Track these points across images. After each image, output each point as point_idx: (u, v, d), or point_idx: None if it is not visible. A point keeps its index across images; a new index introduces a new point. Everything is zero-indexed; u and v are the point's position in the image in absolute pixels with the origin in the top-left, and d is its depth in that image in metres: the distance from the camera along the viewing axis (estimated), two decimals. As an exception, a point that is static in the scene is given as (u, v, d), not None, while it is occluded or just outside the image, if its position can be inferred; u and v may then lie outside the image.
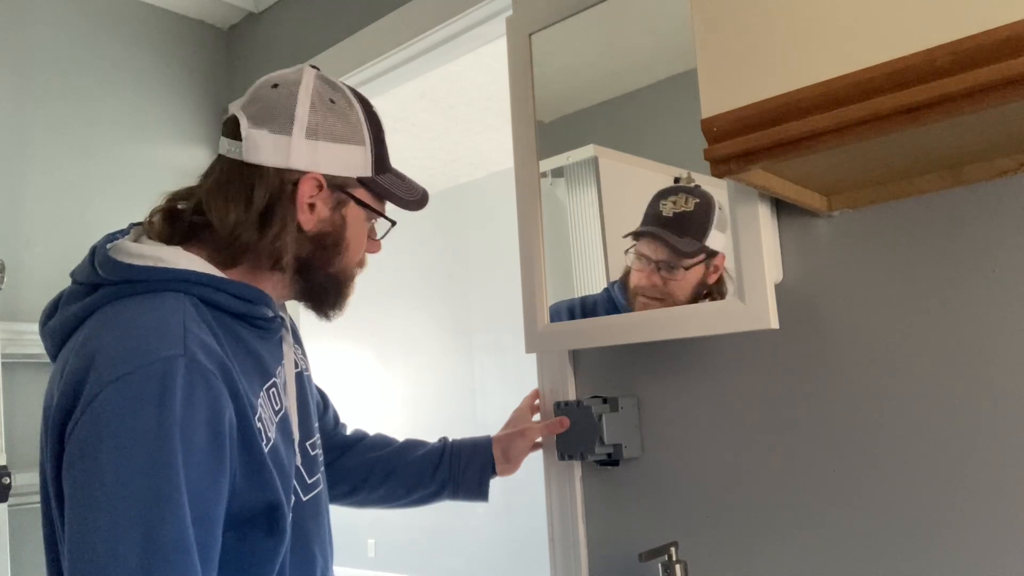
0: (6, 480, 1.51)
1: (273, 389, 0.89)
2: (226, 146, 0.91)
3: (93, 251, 0.87)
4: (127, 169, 1.92)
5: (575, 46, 1.22)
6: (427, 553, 5.23)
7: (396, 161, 1.02)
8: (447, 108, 3.97)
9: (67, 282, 0.88)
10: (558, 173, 1.22)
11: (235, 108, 0.93)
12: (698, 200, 1.07)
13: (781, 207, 1.04)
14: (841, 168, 0.86)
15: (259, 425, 0.82)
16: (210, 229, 0.89)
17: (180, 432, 0.71)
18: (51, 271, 1.73)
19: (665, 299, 1.08)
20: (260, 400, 0.84)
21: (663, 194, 1.10)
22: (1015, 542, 0.85)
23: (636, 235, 1.12)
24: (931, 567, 0.90)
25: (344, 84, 0.98)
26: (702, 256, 1.06)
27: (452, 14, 1.55)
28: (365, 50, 1.75)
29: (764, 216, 0.99)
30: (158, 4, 2.06)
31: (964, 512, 0.88)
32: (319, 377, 1.13)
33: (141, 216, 0.94)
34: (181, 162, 2.02)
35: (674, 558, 1.05)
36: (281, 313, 0.96)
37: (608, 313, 1.15)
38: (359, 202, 0.94)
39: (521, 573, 4.59)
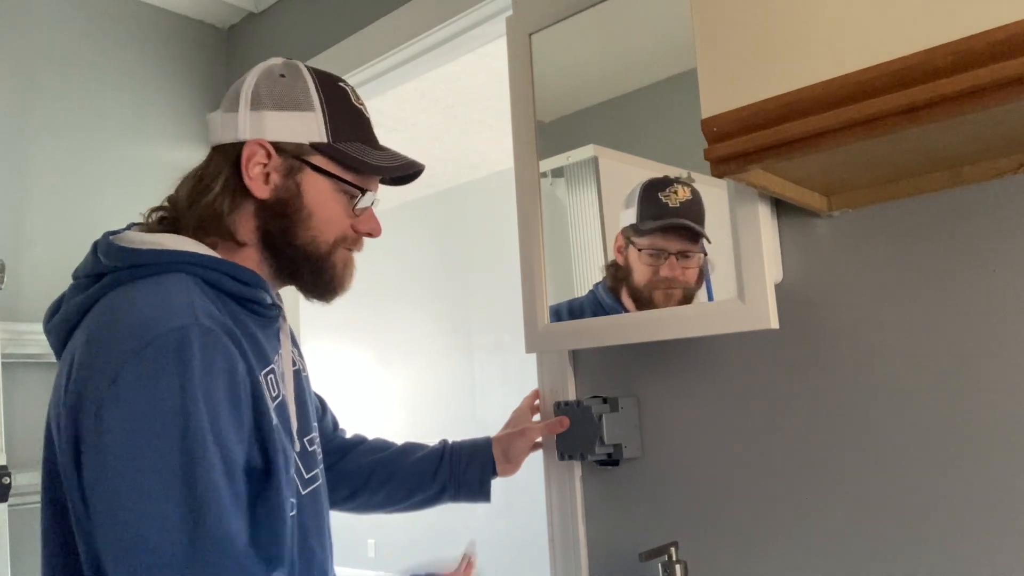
0: (6, 480, 1.51)
1: (271, 375, 0.90)
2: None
3: (95, 245, 0.89)
4: (127, 169, 1.92)
5: (575, 46, 1.22)
6: (427, 553, 5.23)
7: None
8: (447, 108, 3.97)
9: (68, 282, 0.90)
10: (558, 173, 1.22)
11: None
12: (691, 187, 1.08)
13: (781, 207, 1.04)
14: (841, 168, 0.86)
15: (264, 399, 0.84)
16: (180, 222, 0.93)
17: (202, 394, 0.74)
18: (51, 271, 1.73)
19: (686, 288, 1.08)
20: (264, 383, 0.86)
21: (658, 187, 1.10)
22: (1016, 540, 0.85)
23: (662, 229, 1.10)
24: (932, 566, 0.90)
25: (308, 65, 0.98)
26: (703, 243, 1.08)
27: (452, 14, 1.55)
28: (365, 50, 1.75)
29: (764, 216, 0.99)
30: (158, 4, 2.06)
31: (965, 511, 0.89)
32: (318, 377, 1.13)
33: (140, 216, 0.97)
34: (181, 162, 2.01)
35: (674, 558, 1.05)
36: (279, 303, 0.97)
37: (595, 315, 1.15)
38: (316, 169, 0.92)
39: (521, 573, 4.59)
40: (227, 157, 0.92)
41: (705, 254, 1.06)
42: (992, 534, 0.87)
